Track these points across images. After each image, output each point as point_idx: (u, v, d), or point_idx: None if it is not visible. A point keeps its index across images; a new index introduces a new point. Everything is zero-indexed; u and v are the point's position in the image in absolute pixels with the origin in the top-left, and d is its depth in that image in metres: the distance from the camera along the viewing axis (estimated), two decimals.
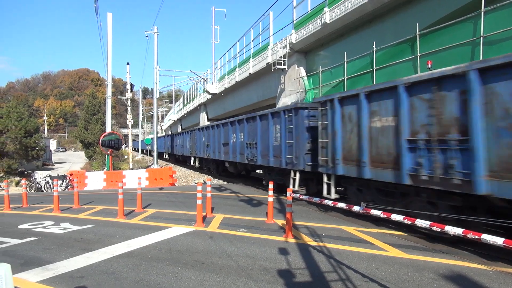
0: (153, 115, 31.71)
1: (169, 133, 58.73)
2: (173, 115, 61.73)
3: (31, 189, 21.41)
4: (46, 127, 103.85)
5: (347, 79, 14.16)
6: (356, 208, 6.44)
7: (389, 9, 12.35)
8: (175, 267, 5.62)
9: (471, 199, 6.42)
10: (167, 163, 42.36)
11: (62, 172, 29.44)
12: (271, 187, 9.09)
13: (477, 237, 4.35)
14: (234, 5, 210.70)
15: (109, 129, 25.19)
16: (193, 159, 28.43)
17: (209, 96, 31.77)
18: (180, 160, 37.90)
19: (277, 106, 18.89)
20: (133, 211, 10.76)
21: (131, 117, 35.88)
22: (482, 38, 8.90)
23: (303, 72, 17.75)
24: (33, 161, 35.27)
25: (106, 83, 26.60)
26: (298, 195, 8.84)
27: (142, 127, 66.84)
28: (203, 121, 37.39)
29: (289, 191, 7.73)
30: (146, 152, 54.43)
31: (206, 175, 25.54)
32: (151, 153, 30.02)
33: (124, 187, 10.80)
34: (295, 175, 12.10)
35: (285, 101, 18.66)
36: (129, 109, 36.10)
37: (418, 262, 5.76)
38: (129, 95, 35.70)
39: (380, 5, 12.14)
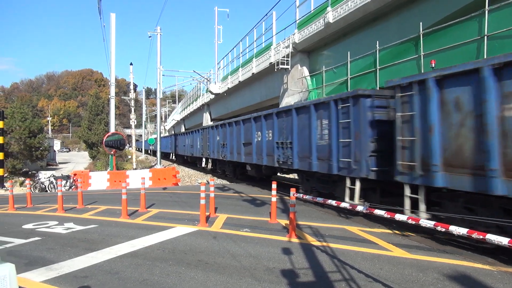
0: (156, 115, 31.76)
1: (172, 133, 58.82)
2: (176, 115, 61.91)
3: (35, 189, 21.50)
4: (50, 128, 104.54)
5: (350, 78, 14.14)
6: (359, 208, 6.42)
7: (392, 9, 12.32)
8: (179, 267, 5.62)
9: None
10: (171, 163, 42.30)
11: (66, 172, 29.53)
12: (274, 187, 9.07)
13: (481, 237, 4.33)
14: (237, 5, 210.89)
15: (112, 129, 25.26)
16: (204, 160, 25.60)
17: (212, 96, 31.83)
18: (188, 161, 34.76)
19: (280, 106, 18.87)
20: (137, 211, 10.78)
21: (135, 117, 35.96)
22: (486, 36, 8.86)
23: (306, 72, 17.73)
24: (37, 161, 35.41)
25: (109, 83, 26.67)
26: (301, 195, 8.83)
27: (145, 127, 66.99)
28: (206, 121, 37.45)
29: (292, 191, 7.71)
30: (151, 152, 54.44)
31: (219, 179, 22.26)
32: (155, 153, 29.24)
33: (127, 187, 10.81)
34: (353, 184, 9.27)
35: (288, 100, 18.64)
36: (133, 109, 36.17)
37: (422, 262, 5.74)
38: (132, 95, 35.74)
39: (383, 4, 12.11)
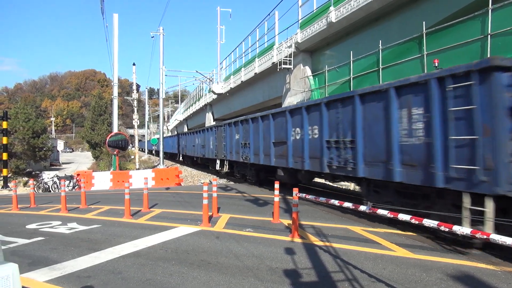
0: (159, 115, 31.82)
1: (175, 133, 58.88)
2: (179, 115, 61.95)
3: (38, 189, 21.58)
4: (53, 128, 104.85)
5: (353, 78, 14.11)
6: (362, 207, 6.40)
7: (395, 8, 12.28)
8: (182, 267, 5.63)
9: None
10: (173, 163, 42.27)
11: (69, 172, 29.65)
12: (276, 186, 9.06)
13: (485, 237, 4.30)
14: (239, 5, 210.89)
15: (115, 130, 25.34)
16: (219, 162, 21.61)
17: (214, 96, 31.85)
18: (198, 163, 30.70)
19: (282, 106, 18.86)
20: (140, 211, 10.79)
21: (137, 117, 36.10)
22: (489, 36, 8.82)
23: (308, 71, 17.71)
24: (40, 161, 35.59)
25: (112, 83, 26.75)
26: (304, 195, 8.81)
27: (148, 128, 67.11)
28: (209, 121, 37.48)
29: (295, 190, 7.69)
30: (154, 152, 54.44)
31: (237, 183, 18.59)
32: (158, 153, 28.83)
33: (130, 187, 10.84)
34: (477, 203, 5.99)
35: (290, 100, 18.62)
36: (135, 109, 36.31)
37: (425, 262, 5.72)
38: (135, 95, 35.89)
39: (386, 3, 12.07)
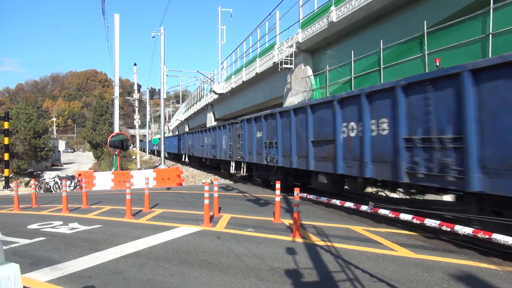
0: (160, 115, 31.81)
1: (176, 133, 58.90)
2: (180, 115, 62.01)
3: (40, 190, 21.63)
4: (54, 128, 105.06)
5: (354, 78, 14.09)
6: (364, 207, 6.40)
7: (396, 7, 12.27)
8: (183, 267, 5.62)
9: None
10: (174, 163, 42.24)
11: (70, 172, 29.70)
12: (278, 186, 9.06)
13: (487, 236, 4.29)
14: (240, 5, 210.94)
15: (116, 130, 25.35)
16: (234, 164, 18.86)
17: (215, 96, 31.85)
18: (207, 164, 27.96)
19: (283, 105, 18.85)
20: (141, 211, 10.80)
21: (139, 117, 36.08)
22: (491, 35, 8.80)
23: (309, 71, 17.69)
24: (42, 161, 35.64)
25: (113, 84, 26.77)
26: (305, 195, 8.81)
27: (149, 128, 67.17)
28: (210, 121, 37.49)
29: (296, 190, 7.69)
30: (157, 153, 54.38)
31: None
32: (160, 153, 28.54)
33: (132, 187, 10.85)
34: None
35: (292, 100, 18.62)
36: (137, 109, 36.31)
37: (427, 262, 5.70)
38: (136, 95, 35.90)
39: (386, 3, 12.07)
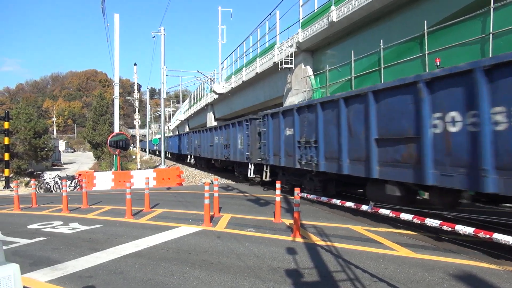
0: (160, 115, 31.79)
1: (177, 132, 58.89)
2: (180, 115, 62.01)
3: (40, 190, 21.63)
4: (55, 128, 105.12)
5: (354, 77, 14.09)
6: (364, 207, 6.39)
7: (396, 7, 12.26)
8: (183, 266, 5.62)
9: None
10: (175, 163, 42.16)
11: (70, 172, 29.69)
12: (278, 186, 9.06)
13: (488, 236, 4.29)
14: (240, 4, 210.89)
15: (117, 130, 25.35)
16: (253, 167, 16.41)
17: (216, 96, 31.84)
18: (216, 166, 25.69)
19: (284, 105, 18.85)
20: (141, 211, 10.80)
21: (139, 117, 36.09)
22: (491, 34, 8.79)
23: (310, 71, 17.69)
24: (42, 161, 35.64)
25: (113, 84, 26.77)
26: (305, 194, 8.80)
27: (149, 128, 67.15)
28: (210, 121, 37.48)
29: (297, 190, 7.69)
30: (158, 153, 54.20)
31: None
32: (166, 153, 28.07)
33: (132, 187, 10.85)
34: None
35: (292, 100, 18.61)
36: (137, 109, 36.32)
37: (427, 261, 5.69)
38: (136, 95, 35.90)
39: (387, 3, 12.06)
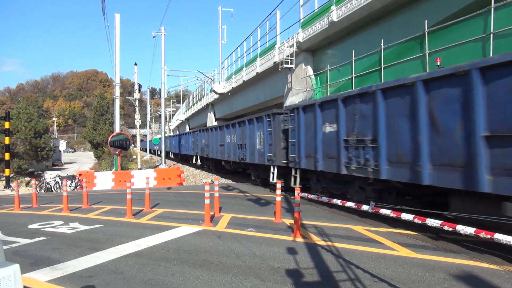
0: (161, 115, 31.80)
1: (177, 132, 58.90)
2: (181, 115, 62.03)
3: (40, 189, 21.63)
4: (55, 128, 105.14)
5: (354, 77, 14.07)
6: (365, 207, 6.38)
7: (397, 7, 12.25)
8: (183, 266, 5.62)
9: None
10: (175, 163, 42.12)
11: (71, 172, 29.70)
12: (278, 186, 9.05)
13: (489, 236, 4.28)
14: (240, 4, 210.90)
15: (117, 130, 25.35)
16: (276, 171, 14.04)
17: (216, 96, 31.82)
18: (227, 168, 23.28)
19: (284, 105, 18.83)
20: (142, 210, 10.80)
21: (139, 117, 36.10)
22: (492, 34, 8.78)
23: (310, 71, 17.67)
24: (42, 161, 35.65)
25: (114, 83, 26.77)
26: (306, 194, 8.80)
27: (150, 127, 67.17)
28: (211, 121, 37.48)
29: (297, 190, 7.68)
30: (159, 152, 54.11)
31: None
32: (167, 154, 27.72)
33: (132, 187, 10.84)
34: None
35: (292, 100, 18.60)
36: (137, 109, 36.33)
37: (428, 261, 5.69)
38: (137, 95, 35.91)
39: (387, 2, 12.04)
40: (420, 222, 5.45)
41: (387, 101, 8.19)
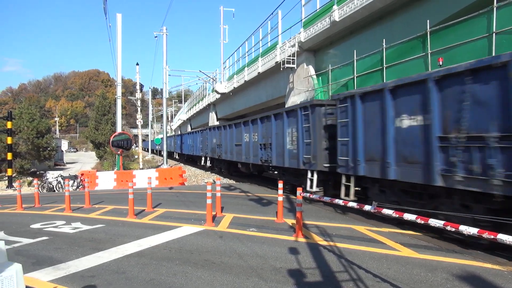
0: (162, 115, 31.82)
1: (179, 132, 58.90)
2: (183, 115, 62.11)
3: (43, 189, 21.66)
4: (57, 128, 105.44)
5: (356, 77, 14.06)
6: (367, 207, 6.37)
7: (399, 6, 12.23)
8: (185, 266, 5.61)
9: None
10: (177, 163, 42.11)
11: (73, 172, 29.74)
12: (280, 186, 9.04)
13: (492, 237, 4.26)
14: (242, 4, 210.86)
15: (119, 129, 25.38)
16: (315, 178, 11.48)
17: (218, 95, 31.86)
18: (243, 171, 20.96)
19: (286, 105, 18.82)
20: (143, 210, 10.81)
21: (141, 117, 36.07)
22: (494, 34, 8.75)
23: (312, 71, 17.66)
24: (45, 161, 35.71)
25: (116, 83, 26.81)
26: (308, 194, 8.78)
27: (152, 127, 67.24)
28: (212, 120, 37.51)
29: (299, 190, 7.67)
30: (163, 152, 53.88)
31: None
32: (171, 154, 27.73)
33: (134, 187, 10.84)
34: None
35: (294, 100, 18.59)
36: (139, 109, 36.30)
37: (430, 262, 5.67)
38: (138, 95, 35.89)
39: (389, 2, 12.03)
40: (422, 222, 5.43)
41: None
